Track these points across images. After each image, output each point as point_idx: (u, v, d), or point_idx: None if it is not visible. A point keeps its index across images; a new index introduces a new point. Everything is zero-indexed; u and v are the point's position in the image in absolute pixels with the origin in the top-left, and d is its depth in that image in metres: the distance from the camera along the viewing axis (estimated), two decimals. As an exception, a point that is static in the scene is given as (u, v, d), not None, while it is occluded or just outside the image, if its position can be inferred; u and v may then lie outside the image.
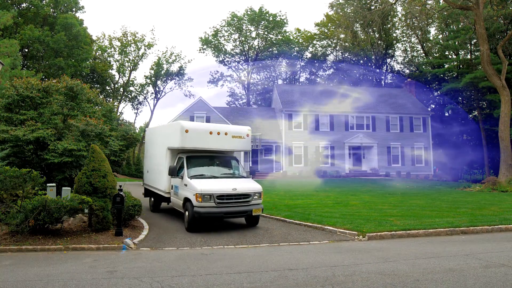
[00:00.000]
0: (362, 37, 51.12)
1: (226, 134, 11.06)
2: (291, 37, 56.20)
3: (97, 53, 51.53)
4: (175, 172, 10.61)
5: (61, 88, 15.20)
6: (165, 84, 56.19)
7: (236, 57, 57.25)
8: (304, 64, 56.44)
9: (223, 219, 11.39)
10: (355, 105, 35.99)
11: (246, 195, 9.89)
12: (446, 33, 45.61)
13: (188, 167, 10.49)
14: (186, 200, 10.00)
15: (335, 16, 50.69)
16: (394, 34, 53.19)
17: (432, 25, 48.03)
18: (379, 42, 52.47)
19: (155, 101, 56.61)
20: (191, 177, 10.06)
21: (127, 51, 53.02)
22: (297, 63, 56.04)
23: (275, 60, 55.34)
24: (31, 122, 13.81)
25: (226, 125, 11.69)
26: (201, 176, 10.21)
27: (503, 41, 29.52)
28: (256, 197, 10.08)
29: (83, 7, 44.52)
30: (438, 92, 44.95)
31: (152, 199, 14.10)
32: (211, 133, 10.85)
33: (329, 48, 56.93)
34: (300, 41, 56.79)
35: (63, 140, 13.86)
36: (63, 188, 10.77)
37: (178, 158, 11.27)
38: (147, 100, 57.99)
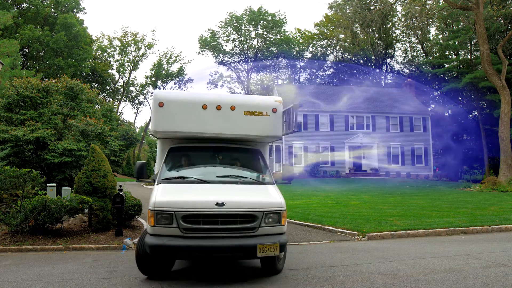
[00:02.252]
0: (362, 37, 51.13)
1: (233, 108, 6.43)
2: (291, 37, 56.25)
3: (97, 53, 51.58)
4: (142, 172, 6.49)
5: (61, 88, 15.21)
6: (165, 84, 56.32)
7: (236, 57, 57.29)
8: (304, 64, 56.44)
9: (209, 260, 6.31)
10: (355, 105, 35.97)
11: (245, 217, 5.25)
12: (446, 33, 45.62)
13: (166, 165, 6.39)
14: None
15: (334, 17, 50.69)
16: (394, 34, 53.21)
17: (432, 25, 48.08)
18: (379, 42, 52.48)
19: (155, 101, 56.67)
20: (162, 181, 5.93)
21: (127, 51, 53.09)
22: (297, 63, 56.05)
23: (275, 60, 55.37)
24: (31, 122, 13.83)
25: (234, 95, 6.82)
26: (179, 180, 6.02)
27: (503, 41, 29.55)
28: (270, 220, 5.34)
29: (84, 8, 44.61)
30: (438, 92, 44.95)
31: None
32: (205, 107, 6.34)
33: (329, 48, 56.97)
34: (300, 41, 56.82)
35: (63, 140, 13.88)
36: (63, 188, 10.78)
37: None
38: (147, 100, 58.04)
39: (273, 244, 5.15)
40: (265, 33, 55.24)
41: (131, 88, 55.76)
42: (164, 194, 5.43)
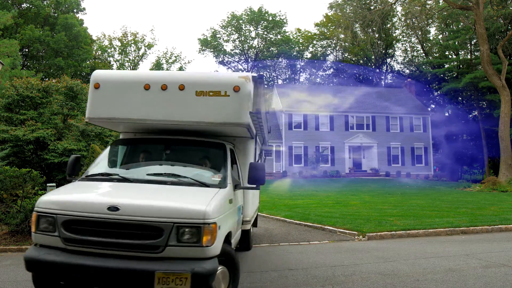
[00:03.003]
0: (362, 37, 51.15)
1: (181, 88, 5.03)
2: (291, 37, 56.30)
3: (97, 53, 51.61)
4: (73, 169, 5.11)
5: (61, 88, 15.24)
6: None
7: (236, 57, 57.34)
8: (304, 64, 56.46)
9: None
10: (355, 105, 35.99)
11: (145, 229, 3.70)
12: (446, 33, 45.62)
13: (100, 161, 5.30)
14: None
15: (334, 17, 50.73)
16: (394, 34, 53.22)
17: (432, 25, 48.08)
18: (379, 42, 52.49)
19: (155, 101, 56.65)
20: (84, 178, 4.82)
21: (127, 51, 53.09)
22: (297, 63, 56.08)
23: (275, 60, 55.39)
24: (31, 122, 13.84)
25: (185, 71, 4.67)
26: (101, 178, 4.78)
27: (503, 41, 29.57)
28: (185, 237, 3.68)
29: (84, 8, 44.62)
30: (438, 92, 44.96)
31: None
32: (147, 87, 5.09)
33: (329, 48, 57.00)
34: (300, 41, 56.86)
35: (63, 140, 13.89)
36: (63, 188, 10.75)
37: None
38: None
39: (180, 273, 3.51)
40: (265, 33, 55.30)
41: (131, 88, 55.74)
42: (55, 193, 4.39)
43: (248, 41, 56.04)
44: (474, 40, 38.39)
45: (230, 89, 4.94)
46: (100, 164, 5.18)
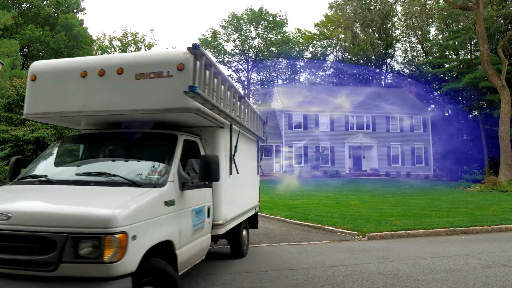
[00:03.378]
0: (362, 37, 51.16)
1: (120, 72, 4.31)
2: (291, 37, 56.33)
3: (97, 53, 51.65)
4: (13, 172, 4.65)
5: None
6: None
7: (236, 57, 57.36)
8: (304, 64, 56.47)
9: None
10: (355, 105, 35.99)
11: (36, 241, 2.99)
12: (446, 33, 45.64)
13: (39, 161, 4.77)
14: None
15: (334, 17, 50.75)
16: (394, 34, 53.24)
17: (432, 25, 48.10)
18: (379, 42, 52.50)
19: (155, 101, 56.66)
20: (16, 181, 4.39)
21: (128, 51, 53.11)
22: (297, 63, 56.09)
23: (275, 60, 55.40)
24: (31, 122, 13.86)
25: (124, 54, 5.12)
26: (29, 180, 4.28)
27: (503, 41, 29.58)
28: (84, 251, 2.93)
29: (84, 8, 44.70)
30: (438, 92, 44.97)
31: None
32: (84, 74, 4.43)
33: (329, 48, 57.03)
34: (300, 41, 56.90)
35: (63, 140, 13.92)
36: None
37: None
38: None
39: None
40: (265, 33, 55.33)
41: (131, 88, 55.70)
42: None
43: (248, 41, 56.06)
44: (474, 40, 38.40)
45: (173, 68, 4.12)
46: (35, 165, 4.65)
